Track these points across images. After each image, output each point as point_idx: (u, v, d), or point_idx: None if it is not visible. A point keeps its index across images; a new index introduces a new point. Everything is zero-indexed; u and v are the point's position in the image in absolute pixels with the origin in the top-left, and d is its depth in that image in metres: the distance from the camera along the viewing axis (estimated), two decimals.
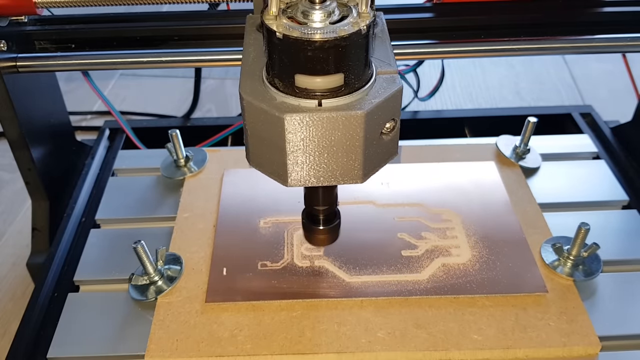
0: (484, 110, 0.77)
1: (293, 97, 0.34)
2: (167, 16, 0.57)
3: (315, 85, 0.34)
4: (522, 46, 0.54)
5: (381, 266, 0.48)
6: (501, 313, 0.45)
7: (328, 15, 0.34)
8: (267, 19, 0.34)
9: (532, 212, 0.54)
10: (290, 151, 0.35)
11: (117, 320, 0.46)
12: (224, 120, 0.73)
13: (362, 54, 0.34)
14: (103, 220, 0.57)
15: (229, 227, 0.53)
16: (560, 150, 0.63)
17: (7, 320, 0.59)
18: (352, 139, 0.35)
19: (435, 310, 0.45)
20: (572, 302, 0.46)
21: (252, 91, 0.35)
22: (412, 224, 0.52)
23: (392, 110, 0.36)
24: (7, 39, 0.52)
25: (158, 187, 0.59)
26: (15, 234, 0.69)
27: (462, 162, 0.59)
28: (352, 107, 0.34)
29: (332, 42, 0.32)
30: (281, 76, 0.34)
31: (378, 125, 0.35)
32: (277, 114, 0.34)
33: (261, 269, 0.49)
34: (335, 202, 0.44)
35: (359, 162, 0.36)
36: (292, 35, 0.32)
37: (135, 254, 0.46)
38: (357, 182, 0.37)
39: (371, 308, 0.46)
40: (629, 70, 0.67)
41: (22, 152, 0.56)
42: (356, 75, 0.34)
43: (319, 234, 0.44)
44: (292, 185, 0.37)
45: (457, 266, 0.48)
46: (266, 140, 0.36)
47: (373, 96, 0.35)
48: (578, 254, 0.48)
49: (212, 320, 0.45)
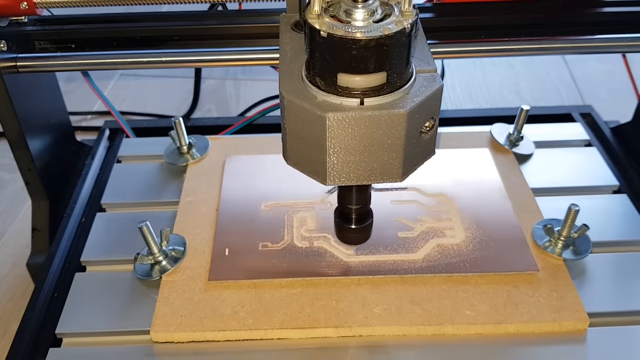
0: (484, 111, 0.77)
1: (335, 95, 0.34)
2: (167, 16, 0.57)
3: (357, 84, 0.34)
4: (522, 46, 0.54)
5: (378, 247, 0.50)
6: (493, 290, 0.46)
7: (371, 14, 0.34)
8: (310, 17, 0.34)
9: (525, 196, 0.55)
10: (331, 150, 0.35)
11: (123, 298, 0.48)
12: (224, 120, 0.73)
13: (404, 53, 0.34)
14: (109, 205, 0.58)
15: (231, 210, 0.54)
16: (553, 138, 0.64)
17: (7, 320, 0.59)
18: (393, 137, 0.35)
19: (430, 288, 0.47)
20: (562, 280, 0.47)
21: (292, 90, 0.35)
22: (408, 207, 0.54)
23: (432, 109, 0.36)
24: (7, 39, 0.52)
25: (162, 173, 0.60)
26: (15, 234, 0.69)
27: (457, 149, 0.60)
28: (394, 105, 0.34)
29: (377, 40, 0.32)
30: (323, 75, 0.34)
31: (418, 124, 0.36)
32: (319, 113, 0.34)
33: (262, 249, 0.50)
34: (369, 201, 0.44)
35: (399, 160, 0.36)
36: (337, 34, 0.33)
37: (141, 233, 0.47)
38: (396, 180, 0.37)
39: (368, 286, 0.47)
40: (629, 70, 0.67)
41: (22, 152, 0.56)
42: (398, 74, 0.34)
43: (351, 233, 0.45)
44: (330, 183, 0.37)
45: (451, 246, 0.50)
46: (306, 139, 0.36)
47: (414, 95, 0.35)
48: (568, 234, 0.49)
49: (214, 297, 0.46)
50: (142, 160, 0.63)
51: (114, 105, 0.67)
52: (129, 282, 0.49)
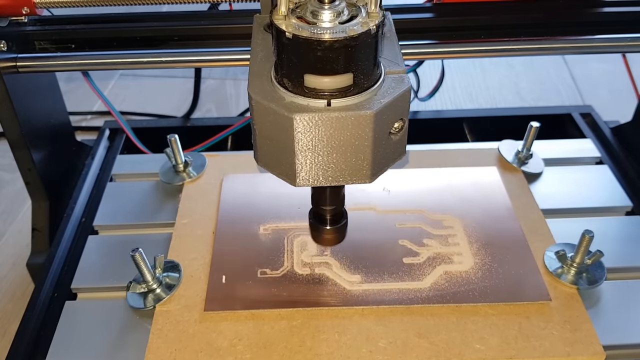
0: (484, 111, 0.77)
1: (302, 97, 0.34)
2: (167, 16, 0.57)
3: (324, 85, 0.34)
4: (522, 46, 0.54)
5: (382, 274, 0.48)
6: (504, 322, 0.44)
7: (337, 15, 0.34)
8: (277, 18, 0.34)
9: (535, 218, 0.53)
10: (299, 151, 0.35)
11: (114, 329, 0.46)
12: (224, 121, 0.73)
13: (371, 54, 0.34)
14: (101, 227, 0.56)
15: (228, 233, 0.52)
16: (562, 155, 0.62)
17: (7, 320, 0.59)
18: (361, 138, 0.35)
19: (437, 319, 0.45)
20: (576, 310, 0.45)
21: (260, 91, 0.35)
22: (413, 231, 0.52)
23: (400, 110, 0.36)
24: (7, 39, 0.52)
25: (157, 193, 0.58)
26: (15, 234, 0.69)
27: (463, 168, 0.58)
28: (361, 107, 0.34)
29: (342, 42, 0.32)
30: (290, 76, 0.34)
31: (387, 125, 0.35)
32: (286, 114, 0.34)
33: (261, 276, 0.48)
34: (343, 202, 0.44)
35: (367, 161, 0.36)
36: (302, 35, 0.32)
37: (133, 262, 0.46)
38: (365, 181, 0.37)
39: (372, 317, 0.45)
40: (629, 70, 0.67)
41: (22, 152, 0.56)
42: (365, 75, 0.34)
43: (326, 234, 0.44)
44: (300, 185, 0.37)
45: (460, 274, 0.48)
46: (275, 140, 0.36)
47: (382, 96, 0.35)
48: (582, 261, 0.47)
49: (210, 330, 0.44)
50: (136, 179, 0.61)
51: (114, 105, 0.67)
52: (122, 311, 0.47)
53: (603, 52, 0.59)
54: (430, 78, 0.89)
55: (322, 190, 0.42)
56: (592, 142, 0.65)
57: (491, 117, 0.73)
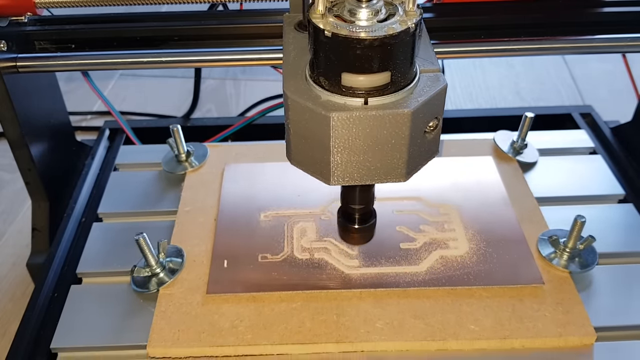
0: (484, 111, 0.77)
1: (339, 95, 0.34)
2: (167, 16, 0.57)
3: (361, 83, 0.34)
4: (522, 46, 0.54)
5: (380, 258, 0.49)
6: (498, 304, 0.46)
7: (375, 14, 0.34)
8: (314, 17, 0.34)
9: (529, 205, 0.54)
10: (335, 149, 0.35)
11: (119, 312, 0.47)
12: (224, 121, 0.73)
13: (409, 53, 0.34)
14: (105, 214, 0.57)
15: (230, 220, 0.53)
16: (557, 145, 0.63)
17: (7, 320, 0.59)
18: (397, 137, 0.35)
19: (433, 301, 0.46)
20: (568, 293, 0.46)
21: (296, 89, 0.35)
22: (410, 218, 0.53)
23: (436, 109, 0.36)
24: (7, 39, 0.52)
25: (159, 182, 0.59)
26: (15, 234, 0.69)
27: (460, 157, 0.59)
28: (398, 105, 0.34)
29: (381, 40, 0.32)
30: (327, 74, 0.34)
31: (422, 124, 0.35)
32: (323, 113, 0.34)
33: (261, 261, 0.49)
34: (372, 201, 0.44)
35: (403, 160, 0.36)
36: (341, 34, 0.32)
37: (137, 245, 0.47)
38: (400, 180, 0.37)
39: (370, 299, 0.46)
40: (629, 70, 0.67)
41: (22, 152, 0.56)
42: (402, 74, 0.34)
43: (354, 233, 0.45)
44: (334, 183, 0.37)
45: (455, 258, 0.49)
46: (310, 139, 0.36)
47: (418, 94, 0.35)
48: (574, 246, 0.48)
49: (213, 311, 0.46)
50: (139, 168, 0.62)
51: (114, 105, 0.67)
52: (126, 294, 0.48)
53: (603, 52, 0.59)
54: None
55: (353, 188, 0.42)
56: (586, 133, 0.66)
57: (491, 117, 0.73)
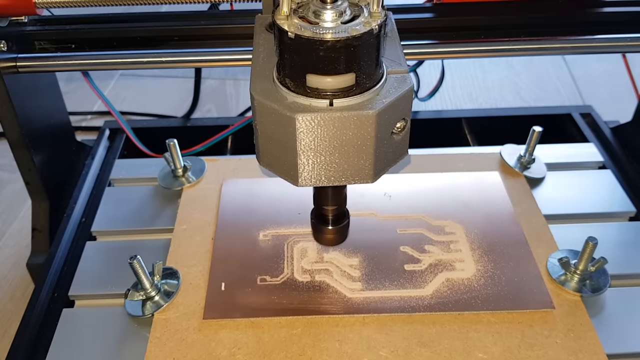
0: (484, 111, 0.77)
1: (304, 96, 0.34)
2: (167, 16, 0.57)
3: (326, 85, 0.34)
4: (522, 46, 0.54)
5: (384, 281, 0.47)
6: (507, 330, 0.44)
7: (339, 15, 0.34)
8: (279, 18, 0.34)
9: (538, 224, 0.52)
10: (301, 151, 0.35)
11: (112, 337, 0.45)
12: (224, 121, 0.73)
13: (373, 54, 0.34)
14: (99, 232, 0.55)
15: (228, 239, 0.51)
16: (565, 159, 0.61)
17: (7, 320, 0.59)
18: (363, 138, 0.35)
19: (439, 327, 0.44)
20: (579, 318, 0.45)
21: (263, 91, 0.35)
22: (414, 237, 0.51)
23: (403, 110, 0.36)
24: (7, 39, 0.52)
25: (155, 198, 0.58)
26: (15, 234, 0.69)
27: (465, 172, 0.58)
28: (363, 106, 0.34)
29: (344, 41, 0.32)
30: (292, 76, 0.34)
31: (389, 125, 0.35)
32: (288, 114, 0.34)
33: (260, 283, 0.47)
34: (345, 202, 0.44)
35: (370, 161, 0.36)
36: (304, 35, 0.33)
37: (132, 269, 0.45)
38: (367, 181, 0.37)
39: (373, 325, 0.44)
40: (629, 71, 0.67)
41: (22, 153, 0.56)
42: (367, 75, 0.34)
43: (328, 234, 0.44)
44: (302, 185, 0.36)
45: (462, 281, 0.47)
46: (277, 140, 0.36)
47: (384, 96, 0.35)
48: (585, 268, 0.47)
49: (209, 338, 0.44)
50: (135, 183, 0.61)
51: (114, 106, 0.67)
52: (120, 318, 0.46)
53: (603, 52, 0.59)
54: (430, 78, 0.89)
55: (324, 190, 0.42)
56: (595, 146, 0.64)
57: (491, 117, 0.73)
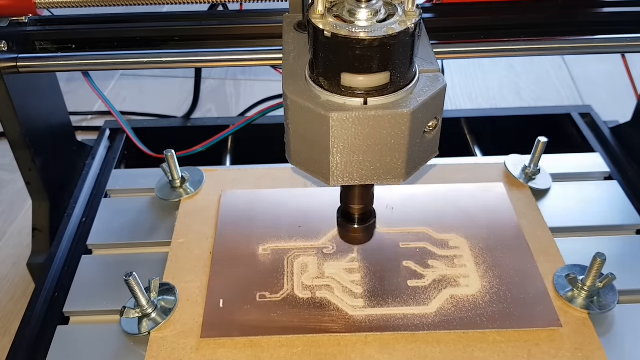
0: (484, 111, 0.77)
1: (338, 95, 0.34)
2: (167, 16, 0.57)
3: (361, 83, 0.34)
4: (522, 46, 0.54)
5: (386, 298, 0.46)
6: (513, 349, 0.43)
7: (374, 14, 0.34)
8: (314, 17, 0.34)
9: (544, 237, 0.51)
10: (334, 150, 0.35)
11: (108, 356, 0.44)
12: (224, 121, 0.73)
13: (408, 53, 0.34)
14: (95, 246, 0.54)
15: (226, 254, 0.50)
16: (571, 170, 0.60)
17: (8, 320, 0.59)
18: (397, 137, 0.35)
19: (444, 347, 0.43)
20: (587, 337, 0.43)
21: (296, 90, 0.35)
22: (418, 251, 0.50)
23: (435, 109, 0.36)
24: (7, 39, 0.52)
25: (153, 210, 0.56)
26: (15, 234, 0.69)
27: (469, 184, 0.57)
28: (398, 105, 0.34)
29: (381, 40, 0.32)
30: (326, 75, 0.34)
31: (422, 124, 0.36)
32: (322, 113, 0.34)
33: (260, 300, 0.46)
34: (372, 201, 0.44)
35: (402, 160, 0.36)
36: (341, 34, 0.33)
37: (127, 286, 0.44)
38: (399, 180, 0.37)
39: (376, 344, 0.43)
40: (629, 71, 0.67)
41: (23, 153, 0.56)
42: (401, 74, 0.34)
43: (354, 233, 0.44)
44: (334, 184, 0.37)
45: (466, 298, 0.46)
46: (309, 139, 0.36)
47: (418, 94, 0.35)
48: (593, 284, 0.46)
49: (207, 358, 0.43)
50: (132, 194, 0.59)
51: (115, 106, 0.67)
52: (115, 336, 0.45)
53: (603, 52, 0.59)
54: None
55: (353, 188, 0.42)
56: (601, 156, 0.63)
57: (491, 117, 0.73)
